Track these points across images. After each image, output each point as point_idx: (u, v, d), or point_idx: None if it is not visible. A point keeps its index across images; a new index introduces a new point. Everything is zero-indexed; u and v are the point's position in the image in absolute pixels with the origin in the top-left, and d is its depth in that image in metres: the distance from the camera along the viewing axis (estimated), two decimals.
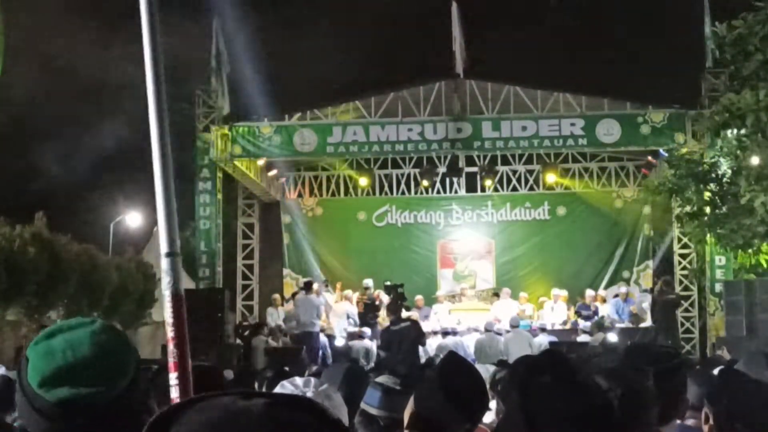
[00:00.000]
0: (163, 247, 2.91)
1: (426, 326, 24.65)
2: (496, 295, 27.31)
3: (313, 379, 3.31)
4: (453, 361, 3.57)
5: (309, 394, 3.20)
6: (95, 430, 2.25)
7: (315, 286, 24.41)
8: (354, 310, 25.51)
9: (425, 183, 29.27)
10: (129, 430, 2.28)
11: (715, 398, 4.00)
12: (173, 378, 2.69)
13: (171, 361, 2.76)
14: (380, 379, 4.97)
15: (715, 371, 6.96)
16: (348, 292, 26.58)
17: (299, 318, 23.91)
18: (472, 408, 3.38)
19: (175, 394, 2.67)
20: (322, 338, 24.04)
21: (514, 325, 22.92)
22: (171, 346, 2.81)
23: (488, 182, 29.62)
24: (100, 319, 2.50)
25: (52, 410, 2.24)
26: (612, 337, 22.90)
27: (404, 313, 22.11)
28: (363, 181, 29.57)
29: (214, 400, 1.35)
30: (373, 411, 4.87)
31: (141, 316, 25.84)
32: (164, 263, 2.90)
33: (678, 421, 4.91)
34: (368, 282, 26.55)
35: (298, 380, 3.28)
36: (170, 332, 2.83)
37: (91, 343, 2.32)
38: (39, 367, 2.27)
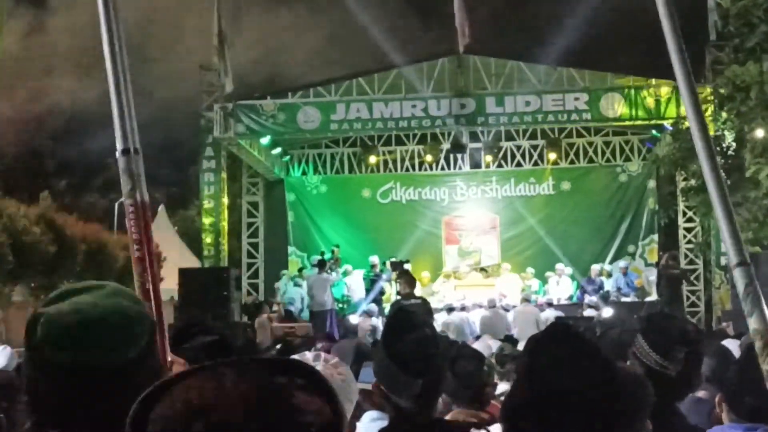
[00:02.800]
0: (119, 144, 2.63)
1: (432, 302, 24.71)
2: (485, 270, 27.35)
3: (323, 354, 3.31)
4: (394, 323, 3.55)
5: (318, 368, 3.19)
6: (102, 395, 2.19)
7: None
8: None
9: (429, 159, 29.24)
10: (138, 396, 2.25)
11: (731, 369, 4.01)
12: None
13: (137, 289, 2.56)
14: None
15: (725, 343, 7.00)
16: (348, 266, 26.66)
17: (314, 297, 23.98)
18: (418, 367, 3.35)
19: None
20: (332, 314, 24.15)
21: (526, 299, 22.97)
22: (138, 269, 2.57)
23: (492, 158, 29.62)
24: (115, 284, 2.43)
25: (57, 372, 2.18)
26: (606, 313, 22.89)
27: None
28: (368, 158, 29.58)
29: (202, 374, 1.35)
30: None
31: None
32: (121, 162, 2.62)
33: (690, 394, 4.92)
34: (374, 259, 26.58)
35: (308, 355, 3.28)
36: (135, 251, 2.58)
37: (104, 305, 2.24)
38: (48, 328, 2.21)
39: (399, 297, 20.29)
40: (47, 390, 2.21)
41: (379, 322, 22.86)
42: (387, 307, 23.55)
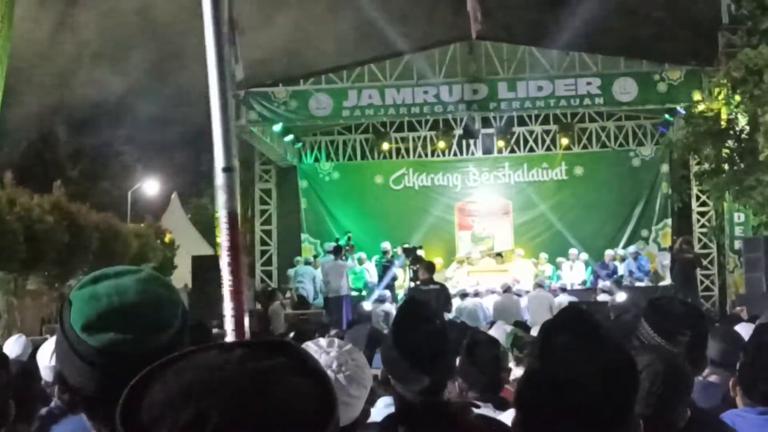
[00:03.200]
0: (219, 162, 2.79)
1: None
2: (500, 255, 27.38)
3: (336, 340, 3.31)
4: (405, 314, 3.56)
5: (332, 354, 3.19)
6: (130, 380, 2.20)
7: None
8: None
9: (442, 145, 29.22)
10: None
11: (744, 352, 4.01)
12: (228, 309, 2.60)
13: (227, 289, 2.65)
14: None
15: (738, 327, 6.99)
16: (362, 254, 26.70)
17: (329, 283, 24.01)
18: (427, 358, 3.35)
19: (230, 326, 2.62)
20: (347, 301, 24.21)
21: (539, 284, 22.99)
22: (226, 273, 2.69)
23: (504, 143, 29.60)
24: (149, 269, 2.43)
25: (94, 355, 2.17)
26: (620, 298, 22.91)
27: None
28: (380, 145, 29.59)
29: (195, 356, 1.35)
30: None
31: None
32: (219, 178, 2.76)
33: (700, 378, 4.93)
34: (386, 245, 26.60)
35: (322, 341, 3.27)
36: (226, 256, 2.70)
37: (138, 290, 2.25)
38: (83, 311, 2.20)
39: (417, 283, 20.27)
40: (77, 372, 2.21)
41: (392, 308, 22.91)
42: (400, 294, 23.57)
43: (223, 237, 2.67)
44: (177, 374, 1.32)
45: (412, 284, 20.17)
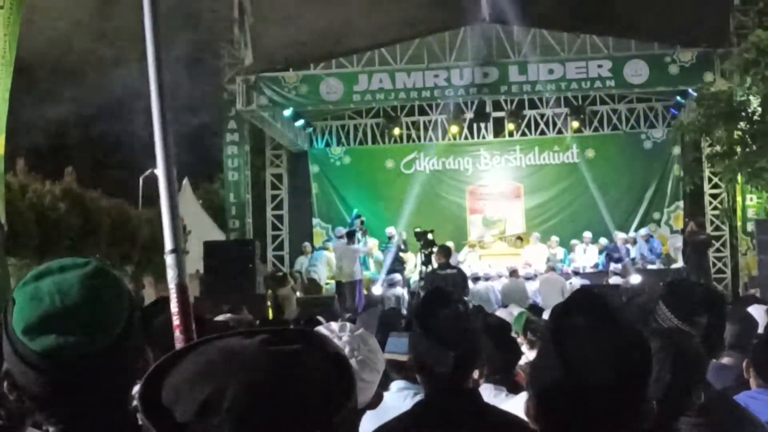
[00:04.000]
0: (168, 245, 3.06)
1: None
2: (520, 239, 27.37)
3: (348, 324, 3.31)
4: (429, 298, 3.56)
5: (344, 339, 3.20)
6: (85, 381, 2.10)
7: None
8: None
9: (458, 128, 29.18)
10: (122, 380, 2.17)
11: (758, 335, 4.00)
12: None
13: (177, 345, 2.84)
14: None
15: (751, 309, 6.96)
16: (374, 240, 26.74)
17: (342, 268, 24.04)
18: (451, 338, 3.36)
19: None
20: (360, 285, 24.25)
21: (552, 268, 23.01)
22: (177, 333, 2.92)
23: (515, 126, 29.56)
24: (95, 260, 2.32)
25: (36, 359, 2.08)
26: (634, 279, 22.90)
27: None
28: (391, 129, 29.60)
29: (217, 342, 1.36)
30: (401, 357, 4.92)
31: None
32: (169, 259, 3.02)
33: (713, 360, 4.91)
34: (390, 230, 26.64)
35: (334, 325, 3.28)
36: (176, 321, 2.93)
37: (82, 287, 2.13)
38: (24, 313, 2.10)
39: (434, 267, 20.26)
40: (21, 374, 2.12)
41: (404, 292, 22.92)
42: (412, 278, 23.56)
43: (172, 304, 2.94)
44: (197, 357, 1.34)
45: (424, 269, 20.13)
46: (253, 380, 1.26)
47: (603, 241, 26.87)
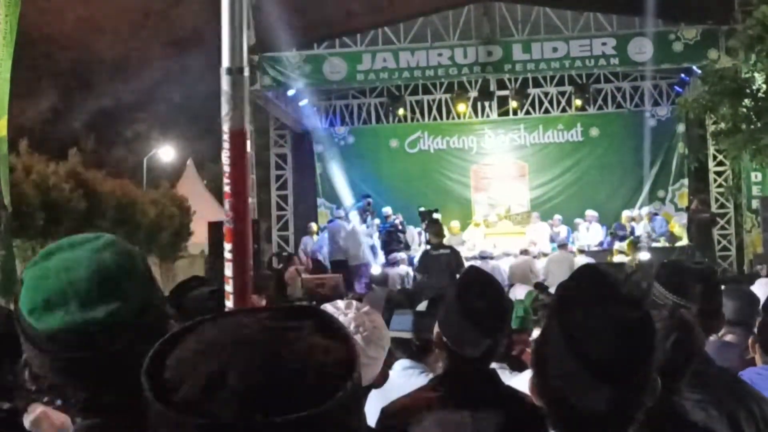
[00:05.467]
0: (226, 60, 2.44)
1: (462, 251, 24.78)
2: (528, 215, 27.45)
3: (354, 302, 3.32)
4: (469, 279, 3.56)
5: (350, 316, 3.21)
6: (97, 362, 2.00)
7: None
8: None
9: (463, 106, 29.15)
10: (139, 359, 2.11)
11: (764, 311, 4.01)
12: (228, 248, 2.38)
13: (226, 225, 2.41)
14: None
15: (756, 286, 6.97)
16: (376, 221, 26.74)
17: (348, 249, 24.10)
18: (490, 326, 3.38)
19: (229, 256, 2.42)
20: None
21: (561, 245, 23.03)
22: (227, 206, 2.42)
23: (519, 105, 29.53)
24: (109, 234, 2.21)
25: (42, 340, 2.00)
26: (644, 256, 22.91)
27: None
28: (395, 108, 29.59)
29: (220, 319, 1.37)
30: (406, 335, 4.93)
31: (177, 249, 26.05)
32: (224, 82, 2.44)
33: (715, 337, 4.92)
34: (387, 210, 26.69)
35: (340, 303, 3.29)
36: (227, 187, 2.42)
37: (90, 262, 2.04)
38: (30, 292, 2.03)
39: (427, 248, 20.31)
40: (34, 359, 2.05)
41: (408, 270, 22.98)
42: (416, 257, 23.60)
43: (225, 160, 2.33)
44: (200, 334, 1.34)
45: (429, 247, 20.20)
46: (258, 357, 1.27)
47: (607, 218, 26.88)
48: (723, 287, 5.02)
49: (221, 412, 1.23)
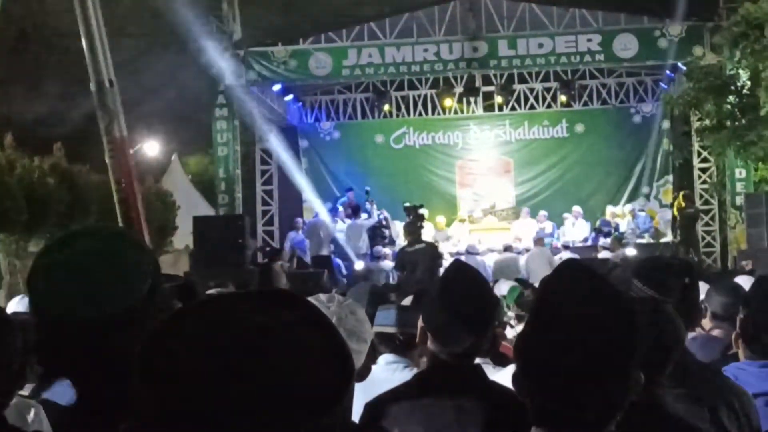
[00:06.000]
0: (93, 76, 2.63)
1: (446, 247, 24.80)
2: (513, 212, 27.49)
3: (337, 295, 3.31)
4: (454, 275, 3.56)
5: (332, 309, 3.20)
6: (102, 345, 2.07)
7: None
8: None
9: (449, 102, 29.16)
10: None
11: (745, 305, 4.01)
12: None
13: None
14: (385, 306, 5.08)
15: (739, 279, 6.98)
16: (364, 215, 26.72)
17: (348, 242, 24.22)
18: (474, 321, 3.37)
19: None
20: (337, 261, 24.31)
21: (539, 242, 23.08)
22: (121, 210, 2.56)
23: (505, 101, 29.55)
24: (116, 227, 2.31)
25: (50, 327, 2.09)
26: (630, 252, 22.96)
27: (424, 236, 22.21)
28: (381, 104, 29.58)
29: (203, 309, 1.34)
30: (390, 329, 4.93)
31: (162, 245, 25.95)
32: (95, 97, 2.61)
33: (697, 332, 4.93)
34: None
35: (322, 296, 3.28)
36: (115, 192, 2.55)
37: (100, 252, 2.13)
38: (39, 280, 2.12)
39: (404, 245, 20.43)
40: (49, 341, 2.12)
41: (392, 265, 23.01)
42: None
43: (109, 168, 2.56)
44: (188, 328, 1.31)
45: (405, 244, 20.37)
46: (252, 357, 1.24)
47: (592, 214, 26.93)
48: (711, 282, 5.04)
49: (222, 419, 1.21)
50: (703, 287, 5.23)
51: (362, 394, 3.45)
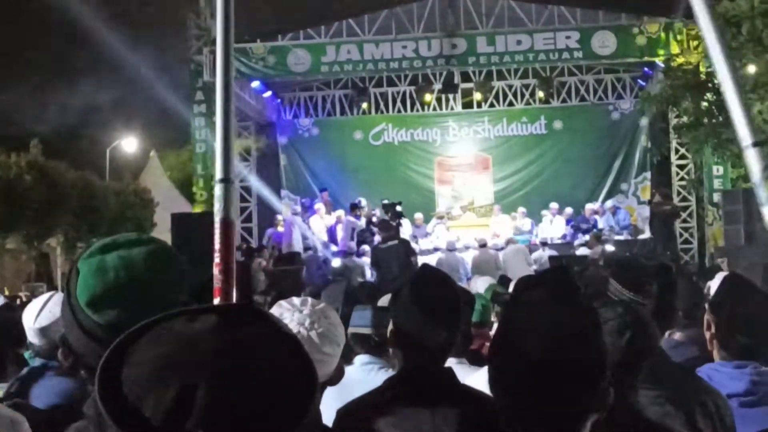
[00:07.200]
0: (218, 173, 2.94)
1: (425, 244, 24.82)
2: (490, 209, 27.56)
3: (309, 299, 3.30)
4: (425, 275, 3.56)
5: (305, 313, 3.19)
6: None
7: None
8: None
9: (428, 98, 29.19)
10: None
11: (717, 307, 4.01)
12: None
13: (216, 286, 2.77)
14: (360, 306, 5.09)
15: (715, 280, 7.01)
16: (341, 212, 26.63)
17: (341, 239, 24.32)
18: (446, 319, 3.38)
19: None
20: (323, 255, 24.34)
21: (512, 240, 23.13)
22: (216, 272, 2.82)
23: (484, 98, 29.60)
24: (158, 239, 2.35)
25: (97, 331, 2.11)
26: (608, 248, 23.01)
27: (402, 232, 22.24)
28: (359, 100, 29.60)
29: (165, 326, 1.31)
30: (366, 330, 4.93)
31: None
32: (217, 189, 2.92)
33: (678, 333, 4.95)
34: (363, 201, 26.68)
35: (295, 300, 3.27)
36: (217, 258, 2.84)
37: (147, 264, 2.18)
38: (90, 284, 2.14)
39: (378, 242, 20.51)
40: (79, 342, 2.16)
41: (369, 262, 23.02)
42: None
43: (216, 239, 2.84)
44: (153, 347, 1.28)
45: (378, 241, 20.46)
46: (219, 376, 1.22)
47: (569, 210, 26.96)
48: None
49: None
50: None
51: (337, 395, 3.44)
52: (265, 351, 1.28)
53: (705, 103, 22.07)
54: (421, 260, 21.88)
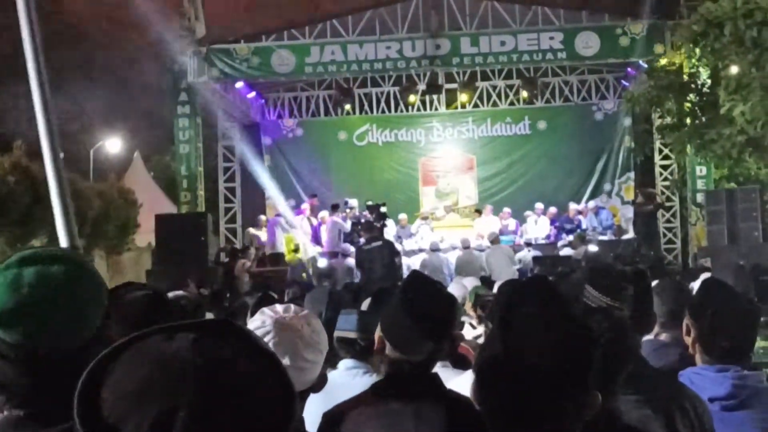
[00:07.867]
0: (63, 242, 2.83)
1: (409, 244, 24.83)
2: (478, 211, 27.48)
3: (293, 306, 3.29)
4: (415, 281, 3.56)
5: (288, 320, 3.18)
6: (54, 377, 2.03)
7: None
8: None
9: (412, 99, 29.20)
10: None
11: (698, 312, 4.03)
12: None
13: None
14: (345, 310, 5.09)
15: (699, 281, 7.03)
16: (324, 213, 26.57)
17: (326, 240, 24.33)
18: (435, 328, 3.38)
19: None
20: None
21: (493, 241, 23.14)
22: None
23: (468, 98, 29.62)
24: (81, 254, 2.28)
25: (9, 351, 2.03)
26: (592, 248, 23.04)
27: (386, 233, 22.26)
28: (343, 101, 29.58)
29: (142, 345, 1.31)
30: (352, 335, 4.94)
31: (124, 242, 25.84)
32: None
33: (650, 337, 4.97)
34: (353, 202, 26.62)
35: (278, 307, 3.26)
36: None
37: (64, 282, 2.07)
38: (2, 299, 2.04)
39: (361, 243, 20.51)
40: (4, 371, 2.07)
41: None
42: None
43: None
44: (131, 367, 1.28)
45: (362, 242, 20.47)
46: (199, 395, 1.22)
47: (553, 210, 27.00)
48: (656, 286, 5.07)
49: None
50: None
51: (321, 399, 3.45)
52: (243, 368, 1.28)
53: (688, 104, 22.14)
54: (405, 261, 21.95)
